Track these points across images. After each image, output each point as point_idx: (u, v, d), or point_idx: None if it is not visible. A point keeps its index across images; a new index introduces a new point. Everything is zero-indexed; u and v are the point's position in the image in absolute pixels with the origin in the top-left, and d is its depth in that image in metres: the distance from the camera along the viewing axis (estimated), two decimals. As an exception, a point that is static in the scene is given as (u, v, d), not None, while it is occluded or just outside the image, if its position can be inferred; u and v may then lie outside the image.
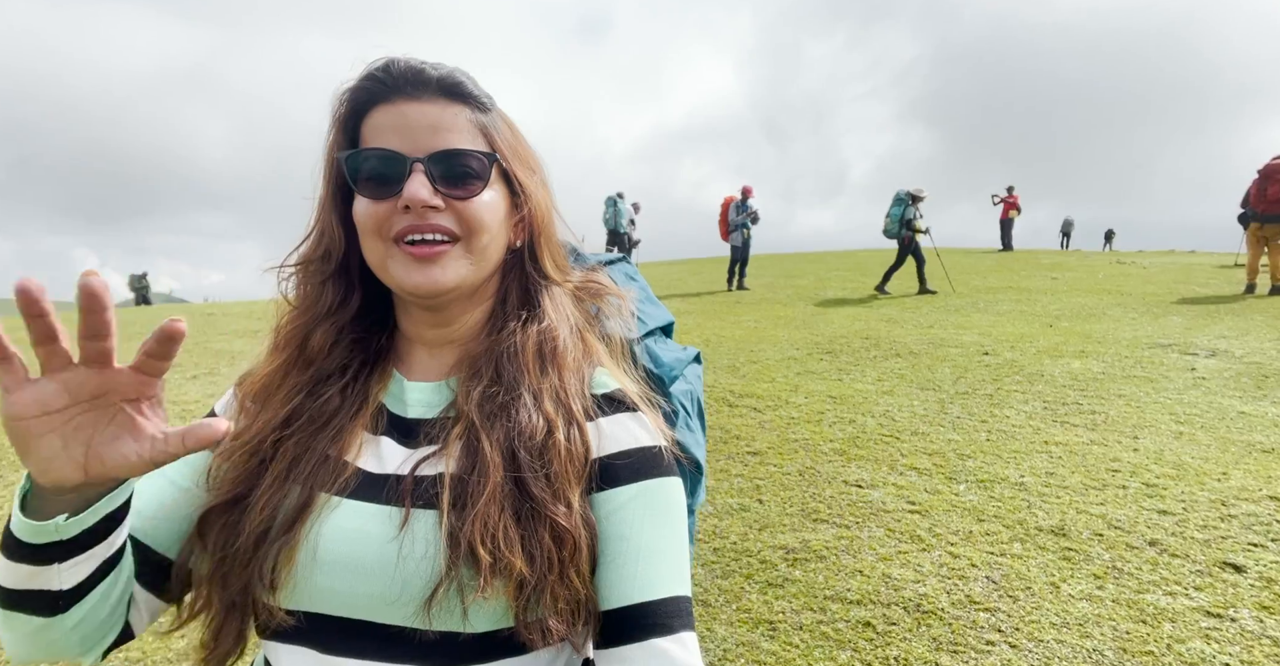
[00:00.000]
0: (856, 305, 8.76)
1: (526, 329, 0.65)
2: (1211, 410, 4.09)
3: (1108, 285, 9.77)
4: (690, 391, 0.76)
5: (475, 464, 0.58)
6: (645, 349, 0.74)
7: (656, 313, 0.80)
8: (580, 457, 0.60)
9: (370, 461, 0.62)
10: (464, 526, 0.55)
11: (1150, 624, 2.11)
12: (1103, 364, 5.22)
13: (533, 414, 0.60)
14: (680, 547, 0.61)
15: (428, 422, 0.64)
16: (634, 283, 0.81)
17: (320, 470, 0.61)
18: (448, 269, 0.61)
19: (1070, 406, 4.24)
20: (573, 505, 0.58)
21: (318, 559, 0.57)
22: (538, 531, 0.56)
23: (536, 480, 0.57)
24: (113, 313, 0.44)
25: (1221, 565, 2.41)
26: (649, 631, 0.56)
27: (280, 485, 0.60)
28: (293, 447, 0.62)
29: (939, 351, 5.77)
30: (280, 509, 0.59)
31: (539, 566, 0.55)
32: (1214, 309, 7.60)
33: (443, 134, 0.61)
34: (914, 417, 4.13)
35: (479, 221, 0.62)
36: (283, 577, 0.57)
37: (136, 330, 8.58)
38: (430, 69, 0.61)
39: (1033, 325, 6.98)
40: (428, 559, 0.55)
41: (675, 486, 0.62)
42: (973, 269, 12.48)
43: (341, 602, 0.57)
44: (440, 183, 0.60)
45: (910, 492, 3.10)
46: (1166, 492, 3.00)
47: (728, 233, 11.32)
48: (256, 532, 0.58)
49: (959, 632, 2.11)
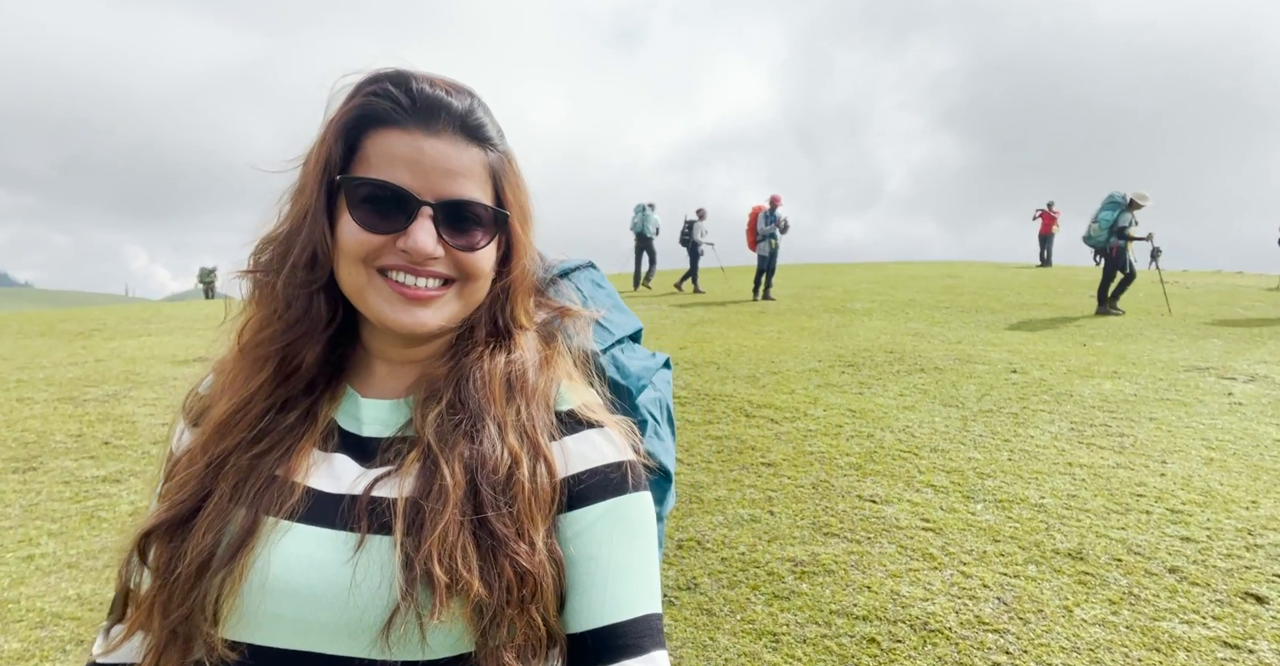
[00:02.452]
0: (883, 318, 8.66)
1: (494, 356, 0.63)
2: (1246, 437, 3.96)
3: (1149, 304, 9.50)
4: (659, 399, 0.75)
5: (433, 488, 0.56)
6: (611, 359, 0.72)
7: (624, 320, 0.78)
8: (546, 496, 0.58)
9: (323, 481, 0.60)
10: (420, 548, 0.53)
11: (1164, 652, 2.06)
12: (1135, 385, 5.10)
13: (497, 444, 0.58)
14: (650, 564, 0.60)
15: (384, 442, 0.62)
16: (601, 290, 0.80)
17: (267, 492, 0.58)
18: (438, 313, 0.60)
19: (1098, 428, 4.15)
20: (536, 545, 0.56)
21: (267, 587, 0.55)
22: (499, 562, 0.54)
23: (500, 517, 0.55)
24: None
25: (1243, 595, 2.35)
26: (620, 652, 0.55)
27: (225, 508, 0.58)
28: (238, 468, 0.59)
29: (965, 368, 5.68)
30: (225, 533, 0.57)
31: (497, 594, 0.53)
32: (1257, 332, 7.35)
33: (457, 180, 0.59)
34: (934, 434, 4.08)
35: (478, 270, 0.61)
36: (226, 609, 0.55)
37: (217, 322, 8.89)
38: (455, 102, 0.59)
39: (1066, 343, 6.83)
40: (384, 585, 0.53)
41: (644, 501, 0.61)
42: (1008, 285, 12.24)
43: (293, 633, 0.55)
44: (445, 230, 0.59)
45: (925, 510, 3.07)
46: (1192, 519, 2.92)
47: (755, 243, 11.30)
48: (200, 559, 0.56)
49: (965, 653, 2.09)
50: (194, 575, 0.55)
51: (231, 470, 0.59)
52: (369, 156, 0.59)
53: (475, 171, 0.60)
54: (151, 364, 6.23)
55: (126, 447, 3.99)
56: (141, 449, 3.98)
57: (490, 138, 0.62)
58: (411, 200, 0.58)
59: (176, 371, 5.91)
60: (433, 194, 0.58)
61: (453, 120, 0.59)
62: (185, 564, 0.56)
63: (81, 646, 2.22)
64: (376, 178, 0.58)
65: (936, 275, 14.42)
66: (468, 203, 0.59)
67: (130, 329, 8.58)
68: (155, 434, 4.21)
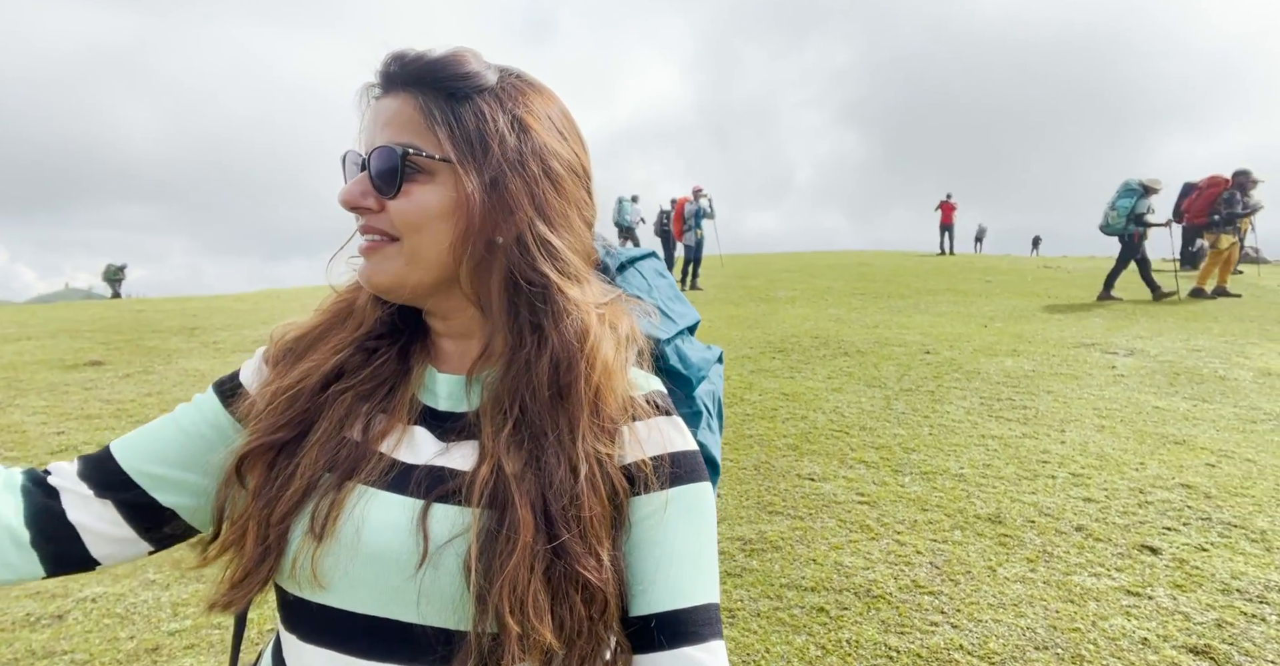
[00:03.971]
0: (805, 305, 9.01)
1: (543, 349, 0.59)
2: (1130, 405, 4.40)
3: (1036, 288, 10.33)
4: (713, 391, 0.75)
5: (505, 519, 0.55)
6: (675, 349, 0.71)
7: (686, 311, 0.77)
8: (607, 506, 0.57)
9: (405, 452, 0.61)
10: (492, 589, 0.53)
11: (1077, 603, 2.29)
12: (1033, 362, 5.54)
13: (560, 462, 0.57)
14: (711, 554, 0.60)
15: (457, 417, 0.63)
16: (663, 279, 0.78)
17: (357, 455, 0.60)
18: (379, 267, 0.60)
19: (1004, 402, 4.50)
20: (603, 560, 0.55)
21: (361, 544, 0.56)
22: (568, 593, 0.54)
23: (572, 538, 0.55)
24: None
25: (1140, 548, 2.63)
26: (681, 639, 0.56)
27: (335, 433, 0.60)
28: (349, 399, 0.62)
29: (884, 350, 6.01)
30: (335, 458, 0.59)
31: (568, 632, 0.54)
32: (1131, 311, 8.13)
33: (385, 129, 0.59)
34: (862, 414, 4.31)
35: (403, 219, 0.58)
36: (330, 534, 0.56)
37: (108, 324, 8.11)
38: (409, 58, 0.58)
39: (969, 325, 7.33)
40: (450, 602, 0.54)
41: (707, 491, 0.62)
42: (914, 272, 12.98)
43: (368, 596, 0.56)
44: (375, 180, 0.59)
45: (859, 485, 3.25)
46: (1090, 481, 3.23)
47: (682, 232, 11.47)
48: (310, 475, 0.58)
49: (905, 615, 2.24)
50: (303, 491, 0.57)
51: (341, 399, 0.62)
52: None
53: (406, 117, 0.58)
54: (35, 369, 5.67)
55: (19, 458, 3.64)
56: (37, 459, 3.64)
57: (438, 80, 0.58)
58: (355, 158, 0.61)
59: (67, 377, 5.40)
60: (367, 148, 0.60)
61: (396, 76, 0.59)
62: (297, 480, 0.57)
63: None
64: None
65: (850, 263, 15.11)
66: (382, 147, 0.58)
67: (3, 333, 7.76)
68: (50, 443, 3.85)
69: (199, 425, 0.65)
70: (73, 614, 2.30)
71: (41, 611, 2.31)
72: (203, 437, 0.65)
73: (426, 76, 0.58)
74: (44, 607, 2.33)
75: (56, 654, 2.09)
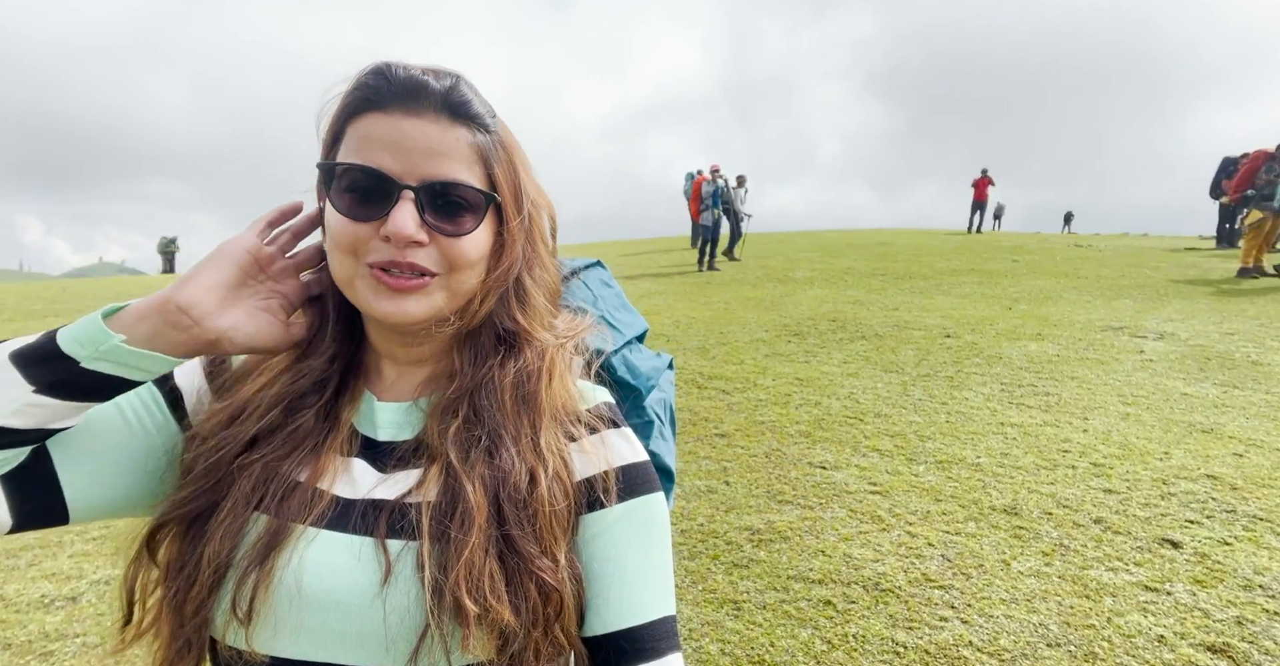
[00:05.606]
0: (824, 286, 8.87)
1: (505, 366, 0.61)
2: (1157, 392, 4.27)
3: (1065, 268, 10.05)
4: (664, 400, 0.75)
5: (457, 507, 0.55)
6: (622, 360, 0.72)
7: (632, 320, 0.78)
8: (564, 511, 0.57)
9: (344, 487, 0.59)
10: (448, 573, 0.52)
11: (1093, 598, 2.22)
12: (1058, 346, 5.40)
13: (515, 462, 0.57)
14: (665, 565, 0.60)
15: (398, 447, 0.61)
16: (609, 289, 0.79)
17: (292, 497, 0.57)
18: (422, 302, 0.58)
19: (1026, 388, 4.39)
20: (559, 561, 0.56)
21: (303, 595, 0.54)
22: (524, 584, 0.54)
23: (524, 536, 0.55)
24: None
25: (1160, 541, 2.55)
26: (638, 656, 0.56)
27: (241, 512, 0.56)
28: (258, 470, 0.58)
29: (903, 334, 5.90)
30: (242, 538, 0.56)
31: (524, 620, 0.53)
32: (1164, 292, 7.88)
33: (440, 160, 0.55)
34: (877, 400, 4.23)
35: (464, 259, 0.58)
36: (260, 613, 0.53)
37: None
38: (434, 81, 0.55)
39: (993, 308, 7.17)
40: (413, 603, 0.53)
41: (660, 502, 0.61)
42: (937, 251, 12.71)
43: (318, 643, 0.54)
44: (430, 214, 0.56)
45: (872, 474, 3.19)
46: (1112, 472, 3.14)
47: (699, 212, 11.34)
48: (217, 562, 0.54)
49: (914, 609, 2.20)
50: (212, 579, 0.54)
51: (249, 472, 0.58)
52: (350, 142, 0.57)
53: (461, 151, 0.57)
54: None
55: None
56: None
57: (477, 115, 0.58)
58: (391, 183, 0.55)
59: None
60: (415, 176, 0.55)
61: (434, 98, 0.55)
62: (203, 568, 0.54)
63: (9, 650, 2.09)
64: (356, 162, 0.55)
65: (871, 243, 14.83)
66: (453, 184, 0.56)
67: (33, 309, 7.94)
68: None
69: (139, 421, 0.61)
70: (86, 596, 2.36)
71: (56, 593, 2.37)
72: (133, 433, 0.60)
73: (462, 108, 0.57)
74: (59, 589, 2.39)
75: (69, 637, 2.14)
